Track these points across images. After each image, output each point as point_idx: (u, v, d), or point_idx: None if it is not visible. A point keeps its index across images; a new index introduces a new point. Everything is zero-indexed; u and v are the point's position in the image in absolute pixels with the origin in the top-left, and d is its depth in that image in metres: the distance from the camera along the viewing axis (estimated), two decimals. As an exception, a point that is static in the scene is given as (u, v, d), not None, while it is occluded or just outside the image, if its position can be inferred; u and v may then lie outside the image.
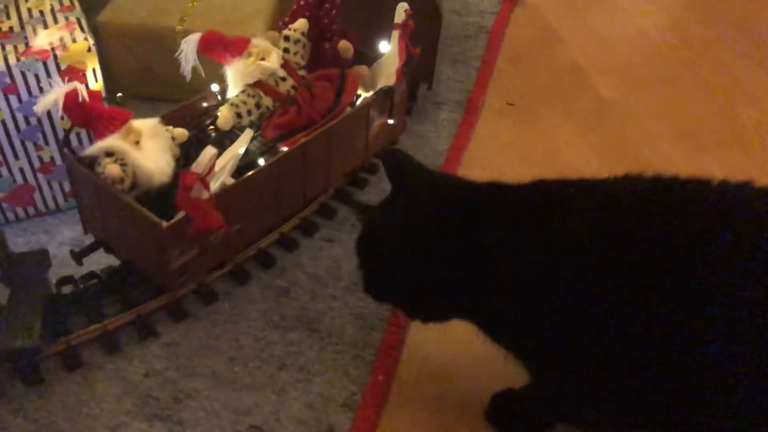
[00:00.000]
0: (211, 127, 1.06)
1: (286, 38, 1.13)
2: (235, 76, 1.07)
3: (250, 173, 0.99)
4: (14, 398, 0.91)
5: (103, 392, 0.92)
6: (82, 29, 1.04)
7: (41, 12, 1.07)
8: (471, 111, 1.46)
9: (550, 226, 0.72)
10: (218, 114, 1.05)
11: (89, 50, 1.01)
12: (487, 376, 0.93)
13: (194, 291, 1.04)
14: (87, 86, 1.04)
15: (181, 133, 1.01)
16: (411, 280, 0.82)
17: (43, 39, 1.00)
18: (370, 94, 1.17)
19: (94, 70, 1.03)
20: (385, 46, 1.21)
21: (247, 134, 1.01)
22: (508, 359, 0.80)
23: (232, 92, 1.09)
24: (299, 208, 1.14)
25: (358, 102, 1.16)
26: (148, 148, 0.95)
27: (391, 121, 1.21)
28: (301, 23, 1.12)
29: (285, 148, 1.04)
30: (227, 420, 0.90)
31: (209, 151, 0.88)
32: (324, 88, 1.13)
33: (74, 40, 1.01)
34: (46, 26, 1.04)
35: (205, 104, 1.10)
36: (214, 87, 1.11)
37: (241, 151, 1.02)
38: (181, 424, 0.89)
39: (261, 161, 1.03)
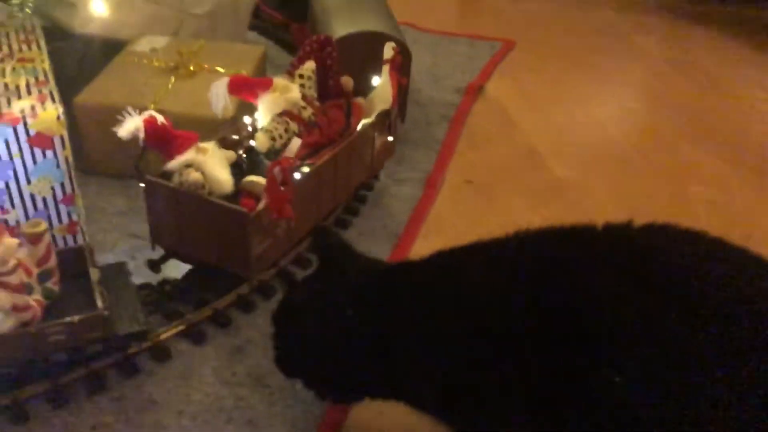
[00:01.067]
0: (243, 155, 1.20)
1: (300, 76, 1.33)
2: (266, 108, 1.25)
3: (299, 177, 1.15)
4: (-43, 451, 0.90)
5: (47, 444, 0.92)
6: (53, 100, 1.11)
7: (17, 87, 1.14)
8: (431, 186, 1.53)
9: (445, 293, 0.76)
10: (255, 139, 1.22)
11: (58, 118, 1.08)
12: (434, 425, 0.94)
13: (148, 349, 1.06)
14: (55, 151, 1.11)
15: (230, 155, 1.16)
16: (325, 358, 0.84)
17: (15, 107, 1.07)
18: (370, 119, 1.37)
19: (62, 138, 1.09)
20: (376, 80, 1.42)
21: (296, 142, 1.15)
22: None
23: (262, 121, 1.26)
24: (331, 210, 1.34)
25: (360, 125, 1.35)
26: (214, 163, 1.10)
27: (390, 138, 1.44)
28: (311, 64, 1.36)
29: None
30: (170, 472, 0.90)
31: (297, 141, 1.10)
32: (336, 113, 1.33)
33: (45, 109, 1.08)
34: (20, 98, 1.11)
35: (236, 137, 1.25)
36: (246, 119, 1.28)
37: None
38: (124, 476, 0.89)
39: (296, 175, 1.16)
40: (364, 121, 1.36)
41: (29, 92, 1.12)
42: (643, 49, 2.44)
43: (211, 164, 1.09)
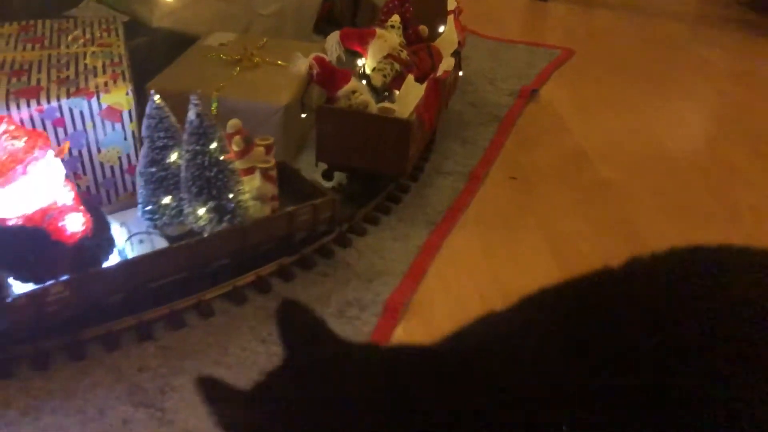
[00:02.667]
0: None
1: (392, 26, 1.60)
2: (374, 52, 1.51)
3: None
4: (22, 380, 1.02)
5: (99, 379, 1.02)
6: (124, 78, 1.23)
7: (95, 67, 1.27)
8: (473, 180, 1.58)
9: (469, 388, 0.59)
10: (371, 78, 1.48)
11: (127, 94, 1.20)
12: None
13: (194, 306, 1.15)
14: (123, 124, 1.23)
15: (364, 87, 1.43)
16: None
17: (90, 83, 1.20)
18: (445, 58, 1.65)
19: (129, 112, 1.21)
20: (442, 28, 1.74)
21: (450, 60, 1.46)
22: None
23: (371, 64, 1.51)
24: (436, 126, 1.65)
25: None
26: (367, 90, 1.41)
27: (461, 73, 1.81)
28: (397, 17, 1.63)
29: None
30: (204, 411, 0.98)
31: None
32: (423, 55, 1.62)
33: (116, 86, 1.20)
34: (96, 76, 1.24)
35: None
36: (359, 62, 1.55)
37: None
38: (162, 411, 0.98)
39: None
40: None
41: (104, 71, 1.25)
42: (706, 60, 2.42)
43: (366, 91, 1.38)
